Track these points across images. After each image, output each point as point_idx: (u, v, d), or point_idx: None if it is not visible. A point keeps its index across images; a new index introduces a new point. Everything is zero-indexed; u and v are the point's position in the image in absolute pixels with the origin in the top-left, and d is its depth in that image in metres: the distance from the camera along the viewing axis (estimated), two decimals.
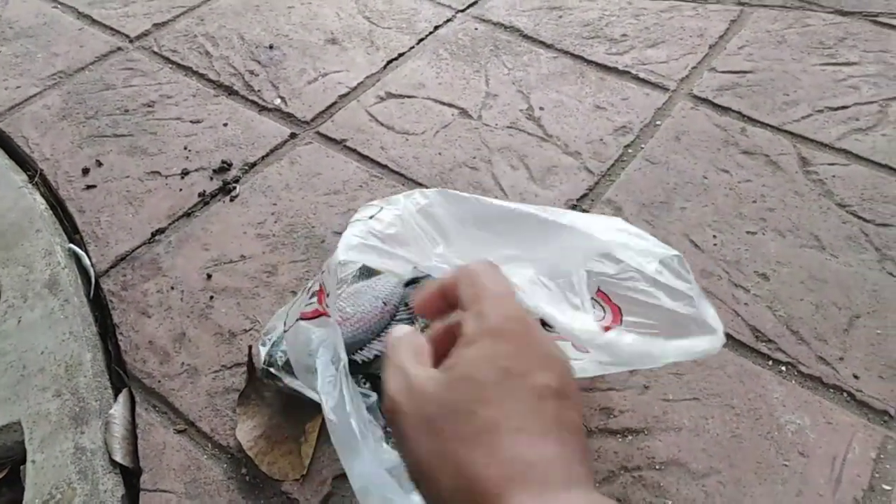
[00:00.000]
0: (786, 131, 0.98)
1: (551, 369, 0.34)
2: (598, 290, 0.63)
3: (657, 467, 0.64)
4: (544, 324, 0.58)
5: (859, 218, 0.86)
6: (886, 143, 0.95)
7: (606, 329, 0.59)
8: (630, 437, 0.66)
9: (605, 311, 0.63)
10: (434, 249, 0.63)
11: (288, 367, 0.65)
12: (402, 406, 0.34)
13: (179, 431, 0.69)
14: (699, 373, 0.71)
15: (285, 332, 0.65)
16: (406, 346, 0.37)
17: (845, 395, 0.70)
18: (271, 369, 0.66)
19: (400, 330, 0.39)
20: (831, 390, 0.70)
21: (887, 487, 0.63)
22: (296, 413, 0.68)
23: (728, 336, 0.74)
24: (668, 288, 0.60)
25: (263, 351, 0.68)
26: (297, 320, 0.61)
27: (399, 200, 0.65)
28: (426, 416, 0.33)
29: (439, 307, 0.40)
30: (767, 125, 0.99)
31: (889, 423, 0.67)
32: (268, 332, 0.69)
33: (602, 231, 0.63)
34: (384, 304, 0.67)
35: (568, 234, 0.63)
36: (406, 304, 0.69)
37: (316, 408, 0.68)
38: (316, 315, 0.61)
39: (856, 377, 0.71)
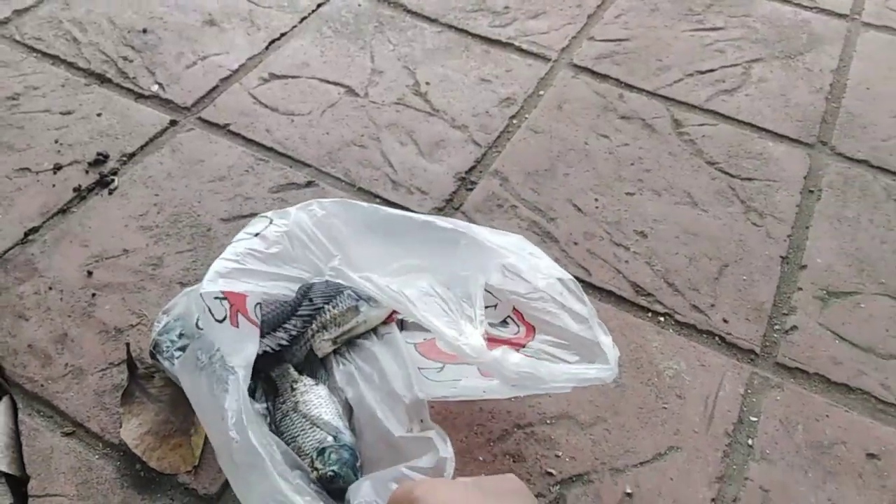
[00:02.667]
0: (660, 95, 1.03)
1: None
2: (514, 308, 0.65)
3: (548, 422, 0.67)
4: None
5: (726, 174, 0.92)
6: (749, 103, 1.02)
7: (511, 345, 0.60)
8: (523, 396, 0.69)
9: (519, 328, 0.64)
10: (329, 263, 0.63)
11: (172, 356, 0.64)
12: None
13: (67, 434, 0.67)
14: None
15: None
16: None
17: (717, 338, 0.75)
18: (158, 356, 0.65)
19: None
20: (704, 335, 0.75)
21: (754, 419, 0.68)
22: (183, 405, 0.67)
23: (610, 293, 0.78)
24: (570, 310, 0.62)
25: (156, 329, 0.67)
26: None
27: (290, 213, 0.64)
28: None
29: None
30: (643, 90, 1.04)
31: (755, 360, 0.73)
32: (167, 310, 0.68)
33: (502, 246, 0.64)
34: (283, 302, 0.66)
35: (468, 246, 0.64)
36: (309, 299, 0.67)
37: None
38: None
39: (725, 321, 0.76)
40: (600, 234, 0.84)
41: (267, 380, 0.65)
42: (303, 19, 1.14)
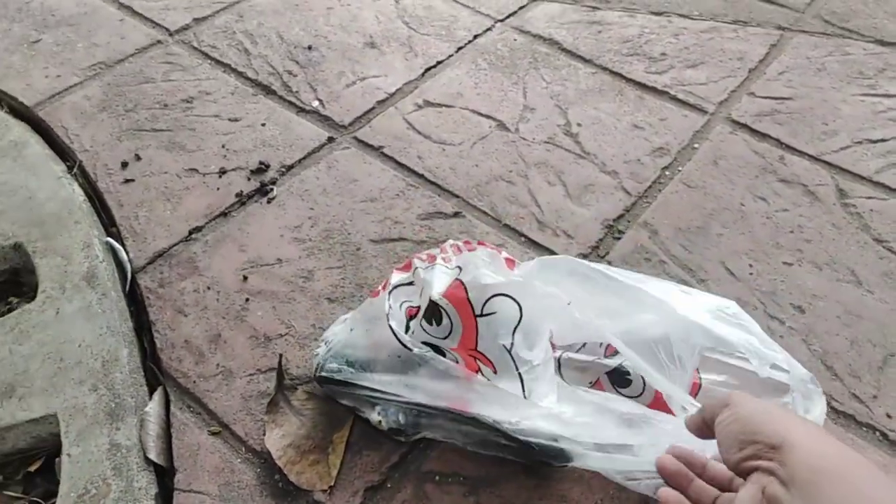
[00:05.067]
0: (824, 161, 0.97)
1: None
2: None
3: None
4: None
5: None
6: None
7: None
8: None
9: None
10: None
11: (339, 371, 0.66)
12: None
13: (214, 433, 0.69)
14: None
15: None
16: None
17: (878, 433, 0.69)
18: (323, 373, 0.67)
19: None
20: (864, 428, 0.70)
21: None
22: (323, 422, 0.69)
23: None
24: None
25: (320, 352, 0.69)
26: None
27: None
28: None
29: (704, 433, 0.47)
30: (805, 154, 0.99)
31: None
32: (326, 339, 0.70)
33: (713, 318, 0.62)
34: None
35: (683, 322, 0.61)
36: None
37: (345, 417, 0.69)
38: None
39: (889, 416, 0.71)
40: (754, 303, 0.80)
41: None
42: (459, 49, 1.16)
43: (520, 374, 0.61)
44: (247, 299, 0.80)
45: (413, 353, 0.62)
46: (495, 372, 0.62)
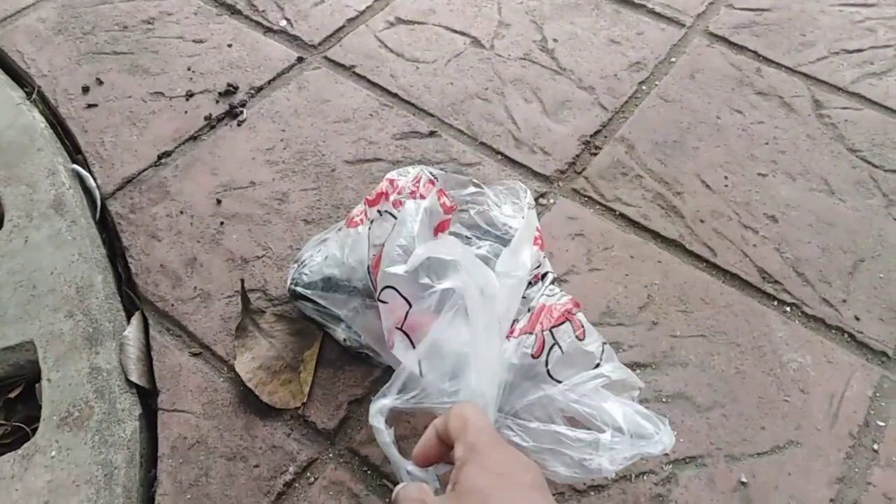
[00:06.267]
0: (800, 73, 0.97)
1: (530, 469, 0.43)
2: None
3: (664, 400, 0.66)
4: None
5: (869, 163, 0.86)
6: None
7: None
8: (638, 372, 0.68)
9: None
10: None
11: (311, 286, 0.66)
12: None
13: (195, 354, 0.70)
14: (706, 311, 0.73)
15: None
16: (411, 492, 0.44)
17: (846, 335, 0.72)
18: (297, 288, 0.67)
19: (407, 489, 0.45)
20: (833, 331, 0.72)
21: (881, 423, 0.66)
22: (293, 342, 0.69)
23: (736, 277, 0.76)
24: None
25: (294, 269, 0.68)
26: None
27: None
28: None
29: (439, 451, 0.47)
30: (782, 66, 0.98)
31: (886, 363, 0.70)
32: (300, 258, 0.70)
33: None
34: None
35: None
36: None
37: (314, 335, 0.69)
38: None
39: (857, 319, 0.73)
40: (728, 213, 0.81)
41: None
42: None
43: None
44: (221, 223, 0.79)
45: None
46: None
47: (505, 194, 0.69)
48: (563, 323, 0.58)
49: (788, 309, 0.73)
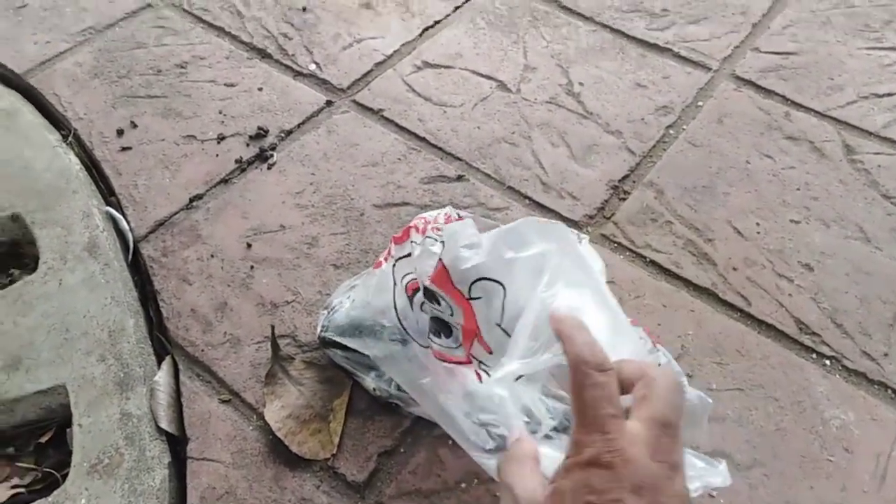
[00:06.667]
0: (830, 117, 0.96)
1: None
2: None
3: None
4: None
5: None
6: None
7: None
8: None
9: None
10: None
11: (340, 332, 0.66)
12: None
13: (224, 401, 0.69)
14: (743, 363, 0.71)
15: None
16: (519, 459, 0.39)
17: (890, 391, 0.70)
18: (327, 335, 0.67)
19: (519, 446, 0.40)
20: (876, 386, 0.70)
21: None
22: (322, 390, 0.69)
23: (772, 327, 0.74)
24: None
25: (323, 316, 0.68)
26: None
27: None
28: None
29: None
30: (812, 110, 0.97)
31: None
32: (330, 304, 0.70)
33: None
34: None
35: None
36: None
37: (344, 384, 0.69)
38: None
39: None
40: (762, 261, 0.80)
41: None
42: (457, 8, 1.14)
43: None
44: (251, 266, 0.79)
45: (408, 336, 0.62)
46: (490, 352, 0.61)
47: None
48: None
49: (828, 362, 0.72)
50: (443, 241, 0.59)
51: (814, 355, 0.72)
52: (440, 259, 0.57)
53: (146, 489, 0.63)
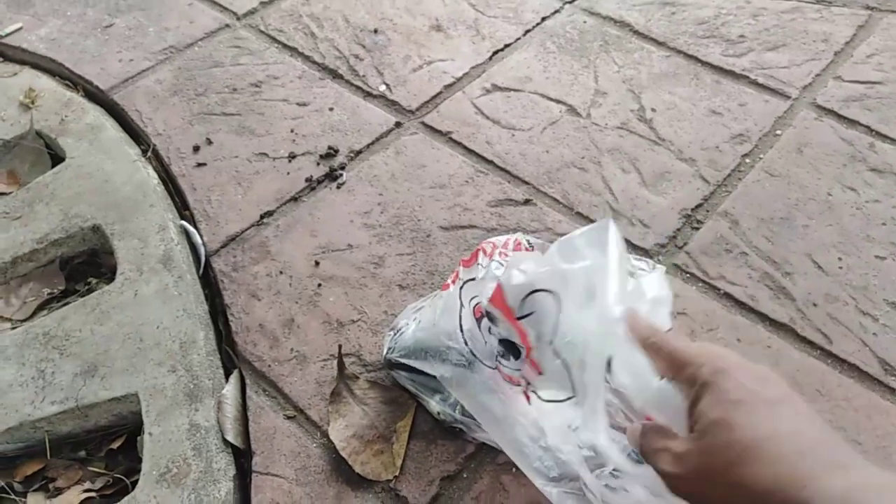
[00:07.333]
0: None
1: (770, 382, 0.40)
2: None
3: None
4: None
5: None
6: None
7: None
8: None
9: None
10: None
11: (406, 354, 0.65)
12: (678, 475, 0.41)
13: (289, 417, 0.70)
14: (823, 404, 0.68)
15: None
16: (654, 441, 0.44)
17: None
18: (393, 356, 0.67)
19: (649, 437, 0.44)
20: None
21: None
22: (386, 411, 0.68)
23: (854, 367, 0.71)
24: None
25: (389, 337, 0.68)
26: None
27: None
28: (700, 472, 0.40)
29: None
30: None
31: None
32: (396, 325, 0.70)
33: None
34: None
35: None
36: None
37: (408, 405, 0.68)
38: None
39: None
40: (844, 298, 0.76)
41: None
42: (527, 32, 1.14)
43: (565, 362, 0.57)
44: (319, 284, 0.80)
45: (474, 358, 0.61)
46: (540, 373, 0.59)
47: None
48: None
49: None
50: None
51: None
52: (497, 280, 0.57)
53: (212, 500, 0.64)
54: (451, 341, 0.64)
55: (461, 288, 0.65)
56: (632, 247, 0.83)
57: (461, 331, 0.62)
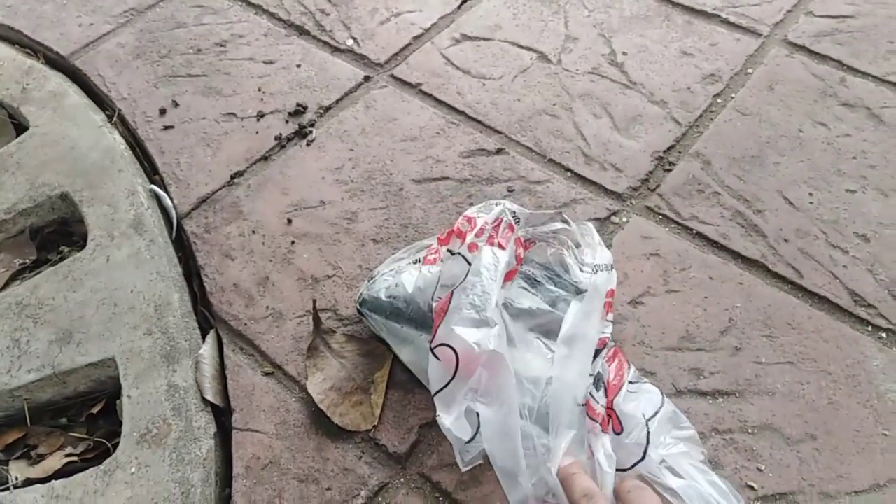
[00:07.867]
0: (889, 82, 0.92)
1: None
2: None
3: (749, 431, 0.63)
4: None
5: None
6: None
7: None
8: (721, 400, 0.65)
9: None
10: None
11: (376, 310, 0.66)
12: None
13: (267, 374, 0.70)
14: (793, 336, 0.69)
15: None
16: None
17: None
18: (363, 308, 0.67)
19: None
20: None
21: None
22: (363, 363, 0.69)
23: (825, 300, 0.72)
24: None
25: (362, 287, 0.69)
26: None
27: None
28: None
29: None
30: (869, 75, 0.93)
31: None
32: (372, 275, 0.70)
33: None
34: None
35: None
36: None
37: (385, 356, 0.69)
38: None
39: None
40: (815, 232, 0.77)
41: None
42: None
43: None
44: (292, 242, 0.80)
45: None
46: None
47: (590, 234, 0.67)
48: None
49: (884, 335, 0.69)
50: (470, 263, 0.60)
51: (869, 328, 0.69)
52: (451, 289, 0.60)
53: (193, 458, 0.64)
54: (423, 316, 0.65)
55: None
56: (604, 191, 0.83)
57: (430, 310, 0.63)
